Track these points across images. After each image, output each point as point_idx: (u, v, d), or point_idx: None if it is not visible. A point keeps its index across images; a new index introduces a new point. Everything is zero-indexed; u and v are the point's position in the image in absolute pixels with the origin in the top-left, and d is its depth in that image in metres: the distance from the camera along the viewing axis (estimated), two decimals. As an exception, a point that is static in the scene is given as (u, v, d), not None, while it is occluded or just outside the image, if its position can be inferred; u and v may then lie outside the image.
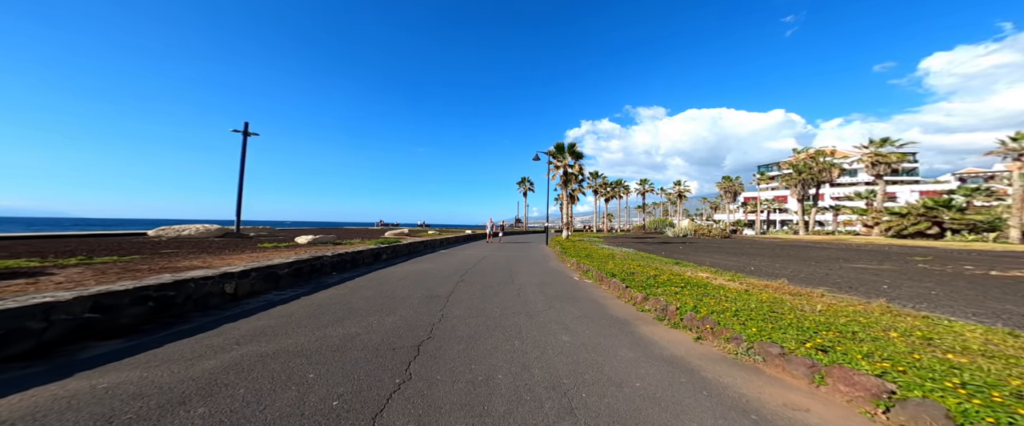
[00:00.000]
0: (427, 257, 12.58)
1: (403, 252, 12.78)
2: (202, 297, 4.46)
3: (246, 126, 17.09)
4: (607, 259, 10.88)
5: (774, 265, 11.82)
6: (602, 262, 10.05)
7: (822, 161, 43.32)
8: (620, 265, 9.24)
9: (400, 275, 8.20)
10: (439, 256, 13.11)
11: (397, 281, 7.30)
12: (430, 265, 10.33)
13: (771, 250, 19.61)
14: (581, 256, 11.91)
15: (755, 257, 14.92)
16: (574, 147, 26.44)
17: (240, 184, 16.64)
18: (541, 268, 10.43)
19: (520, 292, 6.57)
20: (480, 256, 13.48)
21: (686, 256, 14.85)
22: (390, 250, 11.56)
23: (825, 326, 3.62)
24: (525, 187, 56.92)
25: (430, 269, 9.49)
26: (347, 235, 21.77)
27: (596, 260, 10.59)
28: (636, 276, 7.20)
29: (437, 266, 10.12)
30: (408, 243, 13.61)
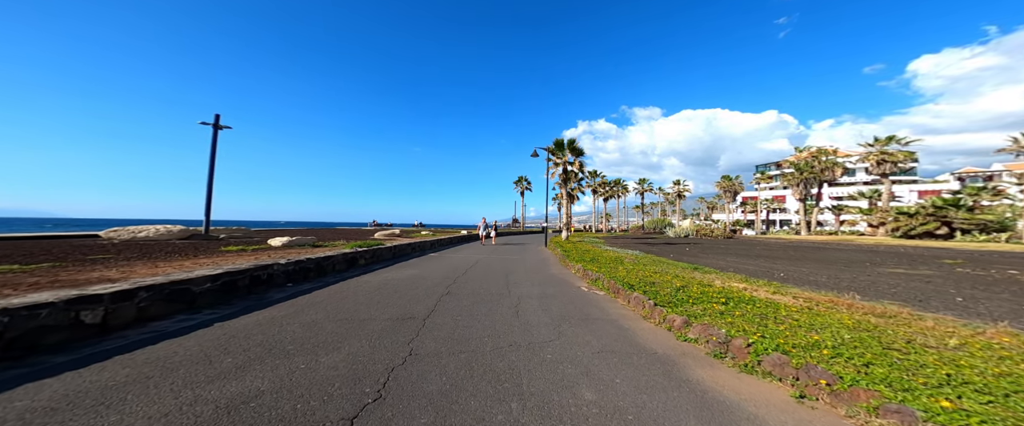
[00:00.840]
0: (413, 262, 11.17)
1: (385, 256, 11.36)
2: (28, 335, 3.03)
3: (217, 118, 15.59)
4: (615, 264, 9.56)
5: (801, 269, 10.56)
6: (611, 267, 8.73)
7: (825, 160, 42.39)
8: (634, 272, 7.92)
9: (373, 286, 6.81)
10: (427, 260, 11.71)
11: (366, 295, 5.91)
12: (414, 271, 8.94)
13: (784, 252, 18.42)
14: (585, 260, 10.58)
15: (774, 260, 13.68)
16: (574, 143, 25.15)
17: (210, 182, 15.13)
18: (542, 275, 9.07)
19: (518, 309, 5.21)
20: (473, 260, 12.10)
21: (697, 258, 13.58)
22: (369, 254, 10.15)
23: (1010, 380, 2.29)
24: (522, 186, 55.57)
25: (412, 277, 8.10)
26: (332, 236, 20.32)
27: (604, 265, 9.26)
28: (659, 288, 5.87)
29: (422, 273, 8.74)
30: (393, 245, 12.19)
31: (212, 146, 15.34)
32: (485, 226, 21.44)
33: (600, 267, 8.80)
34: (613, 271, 8.09)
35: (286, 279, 6.39)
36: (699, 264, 11.25)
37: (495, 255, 14.21)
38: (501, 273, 9.08)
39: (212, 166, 15.21)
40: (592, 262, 10.09)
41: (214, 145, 15.39)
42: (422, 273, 8.68)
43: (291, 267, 6.61)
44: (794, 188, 44.51)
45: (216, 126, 15.51)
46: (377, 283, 7.12)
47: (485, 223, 21.52)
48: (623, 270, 8.22)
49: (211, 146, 15.34)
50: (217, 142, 15.48)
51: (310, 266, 7.10)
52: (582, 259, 10.87)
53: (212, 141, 15.37)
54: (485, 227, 21.41)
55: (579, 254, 12.78)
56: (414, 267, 9.75)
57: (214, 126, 15.46)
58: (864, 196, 41.25)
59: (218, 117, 15.66)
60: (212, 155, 15.28)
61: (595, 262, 10.06)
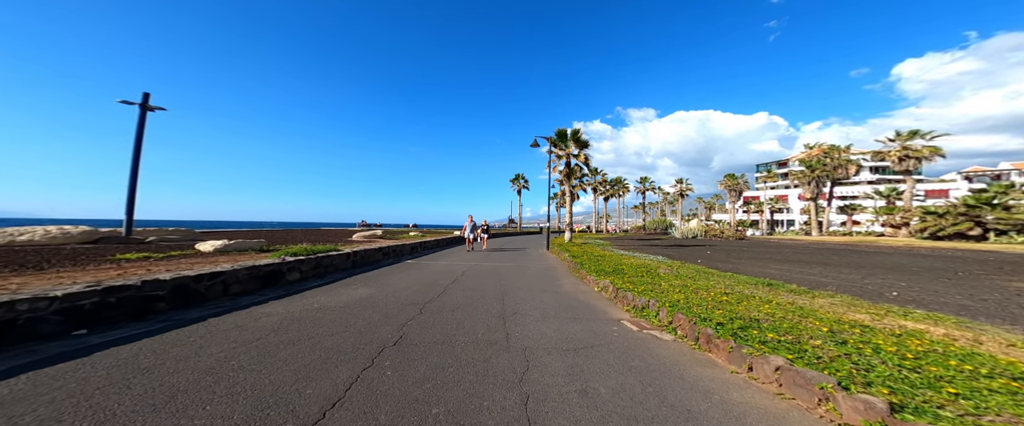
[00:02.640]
0: (375, 274, 8.42)
1: (339, 266, 8.52)
2: None
3: (145, 98, 12.71)
4: (650, 276, 6.90)
5: (891, 282, 7.96)
6: (650, 283, 6.08)
7: (838, 157, 40.20)
8: (694, 291, 5.26)
9: (271, 324, 4.08)
10: (396, 272, 8.96)
11: (234, 349, 3.20)
12: (366, 292, 6.19)
13: (823, 256, 15.89)
14: (606, 270, 7.93)
15: (827, 266, 11.11)
16: (578, 134, 22.50)
17: (133, 173, 12.25)
18: (553, 297, 6.35)
19: (528, 394, 2.53)
20: (458, 271, 9.38)
21: (735, 266, 10.96)
22: (310, 264, 7.28)
23: None
24: (520, 184, 52.88)
25: (357, 303, 5.36)
26: (297, 238, 17.46)
27: (636, 278, 6.59)
28: (781, 329, 3.23)
29: (376, 295, 6.00)
30: (356, 251, 9.40)
31: (138, 130, 12.46)
32: (472, 227, 15.85)
33: (634, 283, 6.13)
34: (659, 289, 5.44)
35: (83, 320, 3.61)
36: (743, 272, 8.65)
37: (488, 263, 11.46)
38: (494, 294, 6.35)
39: (137, 154, 12.32)
40: (616, 274, 7.43)
41: (141, 129, 12.51)
42: (376, 295, 5.93)
43: (150, 292, 3.85)
44: (805, 187, 42.26)
45: (144, 107, 12.63)
46: (284, 318, 4.37)
47: (472, 223, 15.90)
48: (673, 288, 5.56)
49: (137, 130, 12.45)
50: (144, 126, 12.60)
51: (159, 294, 4.30)
52: (601, 269, 8.20)
53: (138, 124, 12.48)
54: (472, 228, 15.82)
55: (593, 260, 10.11)
56: (371, 284, 6.98)
57: (142, 106, 12.58)
58: (881, 195, 39.11)
59: (147, 96, 12.78)
60: (137, 141, 12.39)
61: (620, 274, 7.40)
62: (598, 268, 8.53)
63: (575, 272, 9.15)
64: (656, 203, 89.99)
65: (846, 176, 40.59)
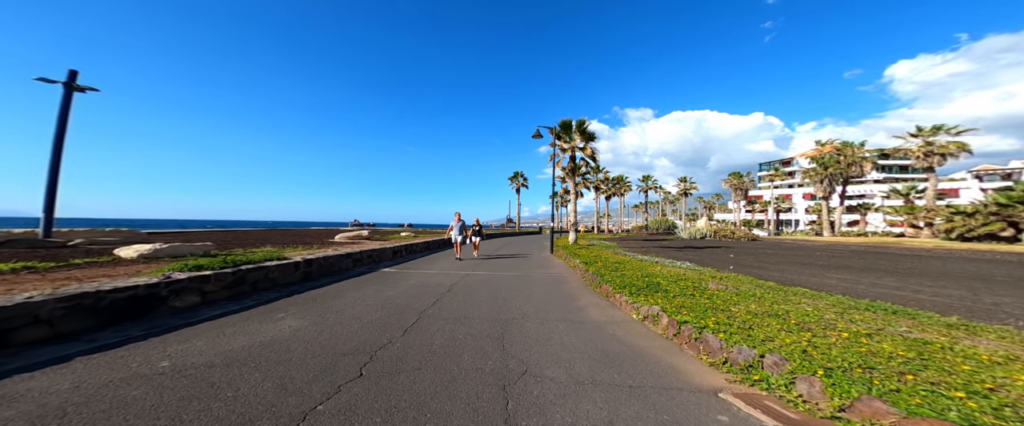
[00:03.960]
0: (331, 291, 6.40)
1: (279, 281, 6.27)
2: None
3: (72, 77, 10.61)
4: (701, 294, 4.92)
5: (996, 297, 6.01)
6: (712, 306, 4.10)
7: (852, 154, 38.41)
8: (805, 330, 3.29)
9: None
10: (363, 287, 6.95)
11: None
12: (297, 325, 4.18)
13: (863, 260, 13.98)
14: (635, 284, 5.99)
15: (881, 274, 9.18)
16: (584, 126, 20.51)
17: (54, 163, 10.19)
18: (577, 332, 4.33)
19: None
20: (444, 285, 7.40)
21: (783, 274, 9.00)
22: (224, 280, 5.10)
23: None
24: (518, 182, 50.81)
25: (265, 349, 3.38)
26: (267, 240, 15.46)
27: (691, 301, 4.60)
28: None
29: (309, 331, 4.01)
30: (303, 261, 7.19)
31: (61, 114, 10.36)
32: (461, 227, 12.68)
33: (694, 309, 4.17)
34: (739, 321, 3.49)
35: None
36: (801, 283, 6.74)
37: (482, 272, 9.46)
38: (489, 328, 4.35)
39: (59, 142, 10.25)
40: (653, 290, 5.49)
41: (65, 113, 10.42)
42: (305, 333, 3.92)
43: None
44: (817, 185, 40.46)
45: (70, 86, 10.52)
46: (44, 410, 2.39)
47: (460, 222, 12.71)
48: (760, 318, 3.61)
49: (60, 114, 10.35)
50: (70, 109, 10.51)
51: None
52: (628, 281, 6.23)
53: (62, 107, 10.39)
54: (461, 229, 12.65)
55: (611, 268, 8.13)
56: (310, 310, 4.94)
57: (67, 86, 10.47)
58: (899, 193, 37.34)
59: (74, 74, 10.68)
60: (61, 126, 10.31)
61: (659, 291, 5.44)
62: (624, 280, 6.56)
63: (595, 286, 7.16)
64: (656, 203, 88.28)
65: (860, 174, 38.82)
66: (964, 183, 60.48)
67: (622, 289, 5.92)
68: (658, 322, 4.26)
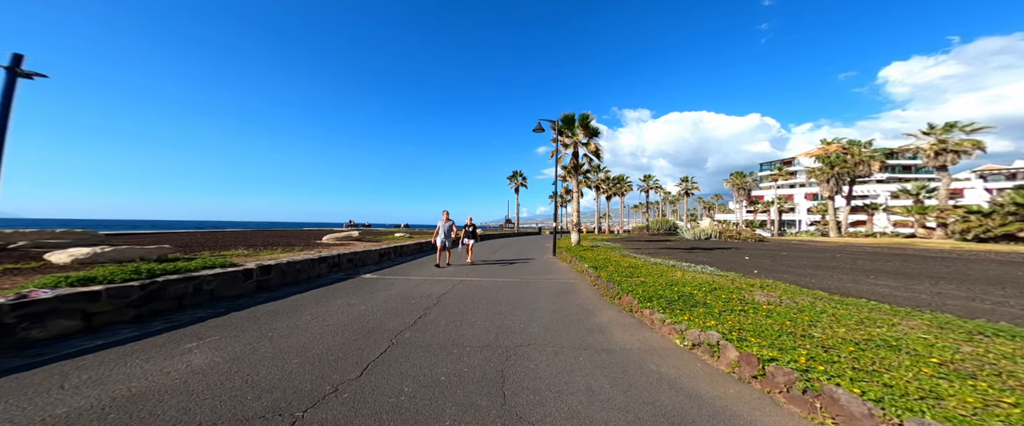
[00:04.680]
0: (288, 306, 5.22)
1: (223, 293, 5.06)
2: None
3: (16, 61, 9.32)
4: (752, 310, 3.78)
5: None
6: (797, 332, 2.93)
7: (859, 153, 37.46)
8: (936, 369, 2.15)
9: None
10: (332, 299, 5.77)
11: None
12: (209, 361, 3.03)
13: (892, 263, 12.88)
14: (663, 296, 4.86)
15: (936, 281, 8.06)
16: (588, 120, 19.37)
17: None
18: (609, 374, 3.14)
19: None
20: (432, 295, 6.24)
21: (818, 280, 7.87)
22: (131, 298, 3.89)
23: None
24: (517, 181, 49.61)
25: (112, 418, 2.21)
26: (245, 242, 14.30)
27: (748, 322, 3.45)
28: None
29: (221, 373, 2.84)
30: (258, 268, 5.95)
31: (3, 102, 9.10)
32: (448, 229, 10.16)
33: (761, 334, 3.04)
34: (840, 353, 2.34)
35: None
36: (849, 292, 5.61)
37: (478, 279, 8.29)
38: (482, 361, 3.21)
39: (2, 128, 8.99)
40: (688, 303, 4.38)
41: (7, 100, 9.15)
42: (193, 385, 2.76)
43: None
44: (823, 185, 39.48)
45: (13, 72, 9.25)
46: None
47: (448, 222, 10.24)
48: (868, 349, 2.46)
49: (2, 102, 9.09)
50: (13, 96, 9.25)
51: None
52: (655, 293, 5.10)
53: (4, 94, 9.13)
54: (448, 231, 10.14)
55: (624, 273, 6.99)
56: (245, 334, 3.78)
57: (9, 70, 9.21)
58: (908, 193, 36.41)
59: (19, 58, 9.40)
60: (2, 116, 9.04)
61: (698, 305, 4.32)
62: (648, 290, 5.42)
63: (612, 297, 6.00)
64: (656, 203, 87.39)
65: (868, 173, 37.89)
66: (968, 183, 59.68)
67: (649, 302, 4.76)
68: (720, 354, 3.10)
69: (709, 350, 3.22)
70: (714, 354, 3.14)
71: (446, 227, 10.12)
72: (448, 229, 10.14)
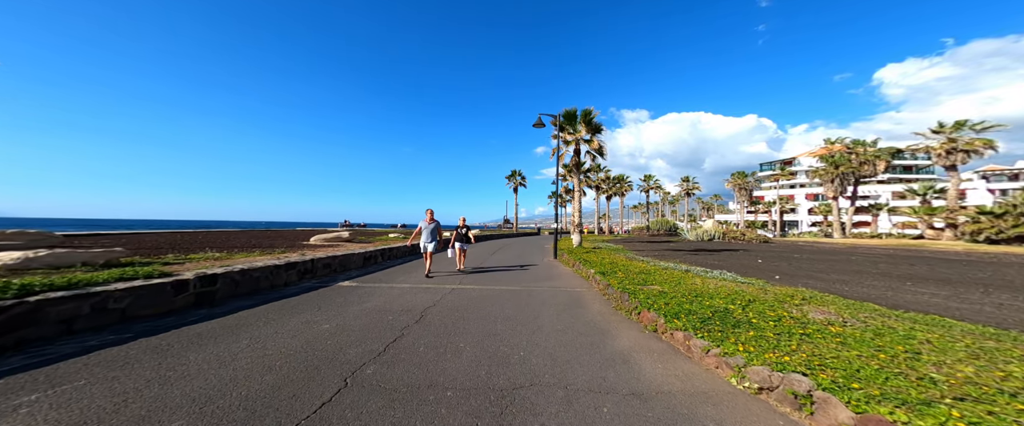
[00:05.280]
0: (223, 327, 4.27)
1: (137, 313, 4.05)
2: None
3: None
4: (820, 333, 2.86)
5: None
6: (903, 372, 2.01)
7: (865, 152, 36.74)
8: None
9: None
10: (287, 317, 4.81)
11: None
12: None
13: (920, 266, 12.01)
14: (693, 311, 3.93)
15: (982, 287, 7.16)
16: (590, 116, 18.44)
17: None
18: None
19: None
20: (415, 309, 5.31)
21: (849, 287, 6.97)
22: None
23: None
24: (516, 181, 48.63)
25: None
26: (227, 244, 13.36)
27: (814, 351, 2.51)
28: None
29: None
30: (196, 278, 4.91)
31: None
32: (433, 231, 8.39)
33: (887, 386, 2.13)
34: None
35: None
36: (885, 300, 4.70)
37: (471, 287, 7.37)
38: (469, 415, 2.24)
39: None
40: (745, 330, 3.44)
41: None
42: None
43: None
44: (827, 185, 38.72)
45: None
46: None
47: (432, 223, 8.46)
48: None
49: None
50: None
51: None
52: (682, 308, 4.18)
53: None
54: (432, 233, 8.37)
55: (636, 279, 6.08)
56: (88, 391, 2.85)
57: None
58: (915, 193, 35.67)
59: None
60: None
61: (750, 327, 3.41)
62: (672, 303, 4.50)
63: (627, 310, 5.06)
64: (655, 203, 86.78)
65: (873, 173, 37.19)
66: (971, 183, 59.21)
67: (677, 320, 3.84)
68: (816, 410, 2.16)
69: (792, 401, 2.28)
70: (804, 408, 2.21)
71: (430, 229, 8.30)
72: (432, 231, 8.31)
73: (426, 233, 8.29)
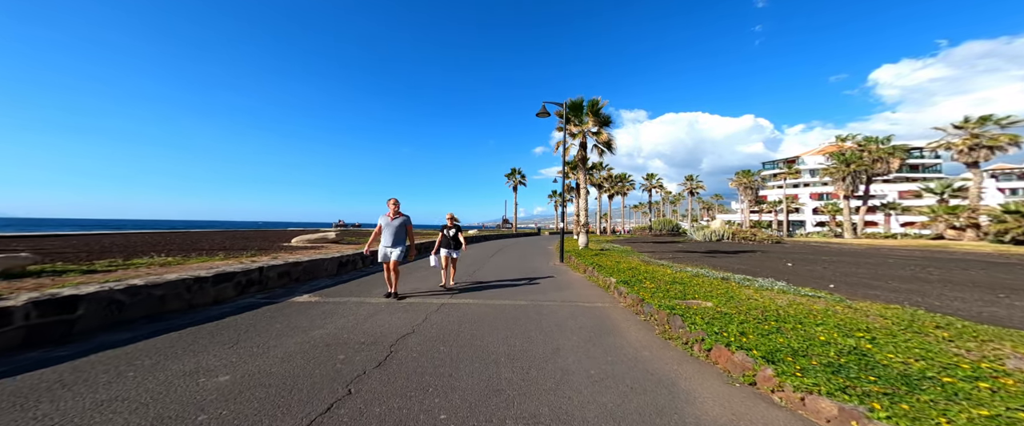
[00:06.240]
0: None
1: None
2: None
3: None
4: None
5: None
6: None
7: (878, 149, 35.40)
8: None
9: None
10: (103, 384, 3.29)
11: None
12: None
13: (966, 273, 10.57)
14: (821, 357, 2.39)
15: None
16: (598, 106, 16.92)
17: None
18: None
19: None
20: (371, 353, 3.78)
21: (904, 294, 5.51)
22: None
23: None
24: (515, 180, 47.09)
25: None
26: (194, 245, 11.93)
27: None
28: None
29: None
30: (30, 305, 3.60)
31: None
32: (397, 231, 5.68)
33: None
34: None
35: None
36: (991, 318, 3.26)
37: (460, 302, 5.87)
38: None
39: None
40: (930, 392, 1.95)
41: None
42: None
43: None
44: (838, 183, 37.39)
45: None
46: None
47: (401, 219, 5.76)
48: None
49: None
50: None
51: None
52: (805, 354, 2.70)
53: None
54: (396, 233, 5.67)
55: (672, 292, 4.61)
56: None
57: None
58: (933, 192, 34.35)
59: None
60: None
61: (934, 384, 1.92)
62: (764, 340, 3.01)
63: (687, 345, 3.55)
64: (656, 203, 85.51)
65: (887, 171, 35.84)
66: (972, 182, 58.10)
67: (793, 368, 2.35)
68: None
69: None
70: None
71: (394, 227, 5.59)
72: (397, 230, 5.61)
73: (387, 234, 5.60)
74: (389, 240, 5.64)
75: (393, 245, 5.64)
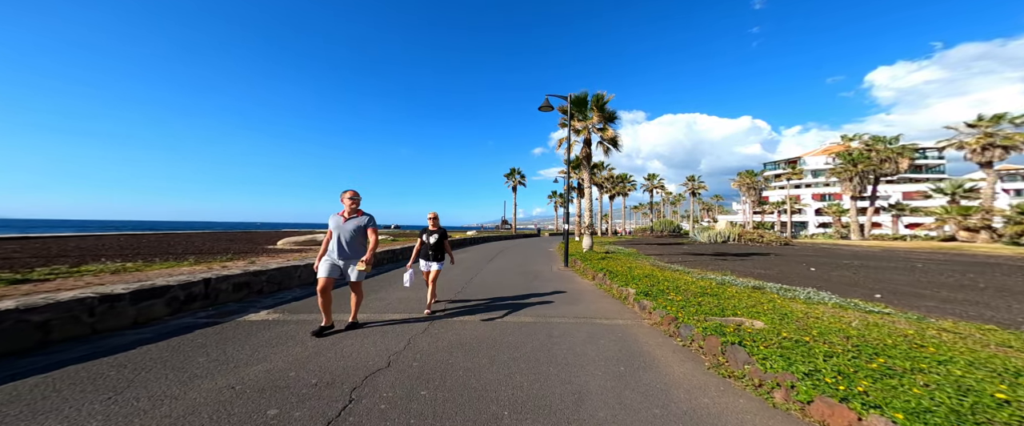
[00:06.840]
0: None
1: None
2: None
3: None
4: None
5: None
6: None
7: (886, 148, 34.61)
8: None
9: None
10: None
11: None
12: None
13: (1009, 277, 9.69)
14: None
15: None
16: (603, 102, 16.03)
17: None
18: None
19: None
20: (312, 420, 2.76)
21: (970, 307, 4.62)
22: None
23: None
24: (515, 180, 46.14)
25: None
26: (163, 248, 10.96)
27: None
28: None
29: None
30: None
31: None
32: (352, 236, 3.78)
33: None
34: None
35: None
36: None
37: (450, 322, 4.90)
38: None
39: None
40: None
41: None
42: None
43: None
44: (845, 183, 36.59)
45: None
46: None
47: (355, 220, 3.82)
48: None
49: None
50: None
51: None
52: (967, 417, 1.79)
53: None
54: (347, 243, 3.76)
55: (707, 307, 3.67)
56: None
57: None
58: (944, 192, 33.57)
59: None
60: None
61: None
62: (876, 385, 2.06)
63: (755, 387, 2.60)
64: (657, 203, 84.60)
65: (895, 171, 35.03)
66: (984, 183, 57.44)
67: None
68: None
69: None
70: None
71: (349, 231, 3.79)
72: (351, 235, 3.80)
73: (340, 239, 3.77)
74: (338, 250, 3.74)
75: (344, 256, 3.75)
